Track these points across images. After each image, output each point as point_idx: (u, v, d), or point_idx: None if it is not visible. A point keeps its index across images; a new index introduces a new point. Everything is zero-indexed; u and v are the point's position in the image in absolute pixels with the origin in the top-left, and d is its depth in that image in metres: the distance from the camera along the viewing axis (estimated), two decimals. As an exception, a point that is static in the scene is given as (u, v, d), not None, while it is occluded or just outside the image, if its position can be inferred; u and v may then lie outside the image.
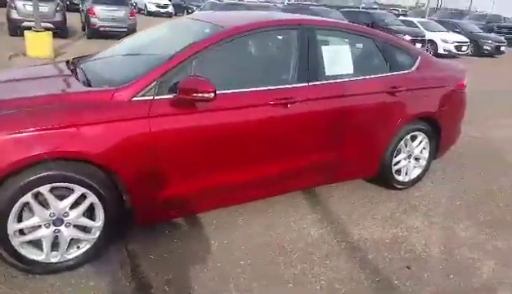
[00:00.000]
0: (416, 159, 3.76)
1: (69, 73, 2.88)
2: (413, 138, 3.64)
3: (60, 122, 2.16)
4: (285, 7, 18.90)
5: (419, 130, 3.60)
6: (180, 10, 27.27)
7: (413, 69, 3.53)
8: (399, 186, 3.70)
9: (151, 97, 2.39)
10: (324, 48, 3.05)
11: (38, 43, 9.07)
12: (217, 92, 2.53)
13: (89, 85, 2.52)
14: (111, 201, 2.37)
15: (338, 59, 3.15)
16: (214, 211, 3.00)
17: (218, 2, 15.12)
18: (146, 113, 2.34)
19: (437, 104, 3.64)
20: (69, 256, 2.37)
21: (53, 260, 2.33)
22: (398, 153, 3.59)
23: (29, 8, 10.55)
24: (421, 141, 3.69)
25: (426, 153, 3.77)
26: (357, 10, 21.68)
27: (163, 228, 2.83)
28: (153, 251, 2.60)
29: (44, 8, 11.18)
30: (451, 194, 3.73)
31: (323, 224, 3.06)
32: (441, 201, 3.60)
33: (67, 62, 3.17)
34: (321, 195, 3.51)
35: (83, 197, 2.30)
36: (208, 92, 2.35)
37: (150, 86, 2.39)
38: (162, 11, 25.77)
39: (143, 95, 2.38)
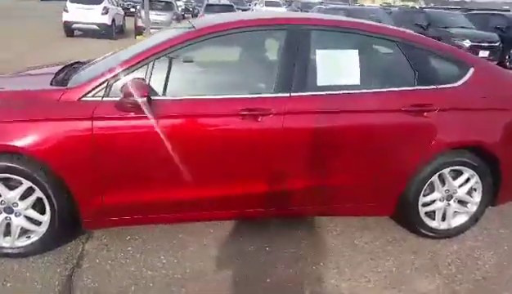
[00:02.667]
0: (461, 203, 2.87)
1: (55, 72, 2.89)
2: (457, 174, 2.79)
3: (5, 116, 2.28)
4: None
5: (464, 164, 2.73)
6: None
7: (459, 83, 2.70)
8: (430, 234, 2.88)
9: (100, 98, 2.34)
10: (320, 53, 2.55)
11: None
12: (172, 98, 2.40)
13: (61, 85, 2.60)
14: (58, 198, 2.39)
15: (339, 66, 2.58)
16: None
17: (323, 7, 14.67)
18: (90, 114, 2.29)
19: (495, 131, 2.71)
20: (20, 244, 2.47)
21: (5, 244, 2.47)
22: (431, 191, 2.80)
23: (152, 17, 12.96)
24: (468, 180, 2.80)
25: (477, 197, 2.85)
26: (412, 9, 17.77)
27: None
28: (102, 256, 2.56)
29: (162, 17, 14.27)
30: (503, 260, 2.74)
31: (298, 265, 2.55)
32: (482, 265, 2.66)
33: (74, 63, 3.22)
34: (323, 226, 2.97)
35: (31, 190, 2.38)
36: (140, 97, 2.18)
37: (100, 88, 2.34)
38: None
39: (93, 96, 2.34)
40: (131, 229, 2.81)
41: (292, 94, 2.48)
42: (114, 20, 14.14)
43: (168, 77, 2.41)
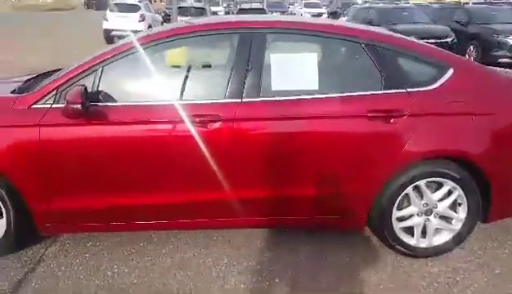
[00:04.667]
0: (444, 219, 2.57)
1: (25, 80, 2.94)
2: (437, 187, 2.50)
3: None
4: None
5: (443, 175, 2.44)
6: (335, 17, 26.92)
7: (434, 86, 2.42)
8: (408, 252, 2.60)
9: (49, 106, 2.35)
10: (275, 57, 2.40)
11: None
12: (117, 104, 2.37)
13: (22, 92, 2.64)
14: (12, 203, 2.43)
15: (296, 70, 2.41)
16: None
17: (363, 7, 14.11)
18: (38, 121, 2.31)
19: (476, 139, 2.40)
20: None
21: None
22: (406, 204, 2.53)
23: None
24: (450, 193, 2.50)
25: (462, 212, 2.53)
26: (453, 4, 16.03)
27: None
28: (58, 261, 2.57)
29: None
30: (489, 286, 2.40)
31: (252, 278, 2.41)
32: (460, 291, 2.34)
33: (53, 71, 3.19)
34: (291, 242, 2.79)
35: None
36: (76, 104, 2.16)
37: (50, 95, 2.36)
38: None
39: (43, 104, 2.36)
40: (95, 236, 2.80)
41: (244, 100, 2.35)
42: (150, 26, 14.64)
43: (114, 84, 2.38)
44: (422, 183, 2.45)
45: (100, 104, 2.33)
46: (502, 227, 2.93)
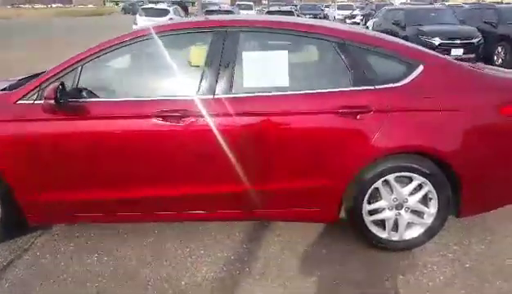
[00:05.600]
0: (417, 213, 2.60)
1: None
2: (407, 181, 2.53)
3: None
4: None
5: (412, 170, 2.47)
6: (369, 19, 26.74)
7: (403, 83, 2.45)
8: (380, 245, 2.64)
9: (32, 101, 2.49)
10: (247, 55, 2.48)
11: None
12: (94, 100, 2.50)
13: (9, 90, 2.78)
14: (2, 193, 2.59)
15: (267, 68, 2.49)
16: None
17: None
18: (22, 116, 2.46)
19: (443, 135, 2.42)
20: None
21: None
22: (378, 198, 2.58)
23: None
24: (420, 188, 2.53)
25: (433, 207, 2.56)
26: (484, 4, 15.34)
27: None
28: (45, 250, 2.71)
29: None
30: (455, 280, 2.42)
31: (226, 267, 2.49)
32: (426, 284, 2.37)
33: None
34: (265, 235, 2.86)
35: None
36: (50, 99, 2.29)
37: (33, 91, 2.50)
38: (348, 21, 25.79)
39: (27, 99, 2.50)
40: (85, 227, 2.93)
41: (216, 96, 2.44)
42: None
43: (92, 82, 2.51)
44: (391, 177, 2.49)
45: (79, 100, 2.46)
46: (484, 223, 2.94)
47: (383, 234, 2.62)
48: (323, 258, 2.60)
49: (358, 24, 25.34)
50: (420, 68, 2.47)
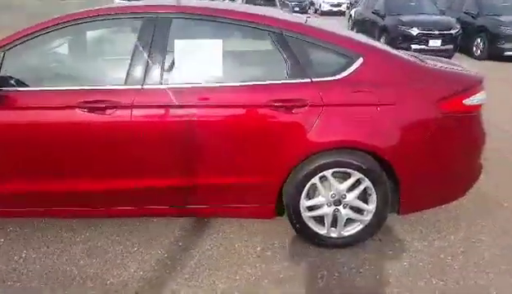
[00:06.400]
0: (357, 210, 2.53)
1: None
2: (345, 177, 2.46)
3: None
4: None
5: (348, 166, 2.40)
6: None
7: (340, 76, 2.36)
8: (319, 242, 2.57)
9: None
10: (179, 43, 2.36)
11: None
12: (16, 89, 2.36)
13: None
14: None
15: (200, 57, 2.37)
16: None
17: None
18: None
19: (379, 130, 2.34)
20: None
21: None
22: (317, 194, 2.50)
23: None
24: (359, 184, 2.46)
25: (372, 204, 2.49)
26: None
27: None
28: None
29: None
30: (389, 278, 2.37)
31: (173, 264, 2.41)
32: (358, 282, 2.32)
33: None
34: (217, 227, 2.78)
35: None
36: None
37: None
38: (334, 9, 25.56)
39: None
40: (22, 222, 2.80)
41: (144, 86, 2.32)
42: None
43: (14, 70, 2.37)
44: (328, 173, 2.42)
45: (2, 89, 2.31)
46: (430, 220, 2.90)
47: (322, 231, 2.55)
48: (257, 256, 2.53)
49: (344, 12, 25.18)
50: (360, 60, 2.38)
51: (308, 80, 2.34)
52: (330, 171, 2.41)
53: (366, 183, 2.43)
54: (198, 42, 2.40)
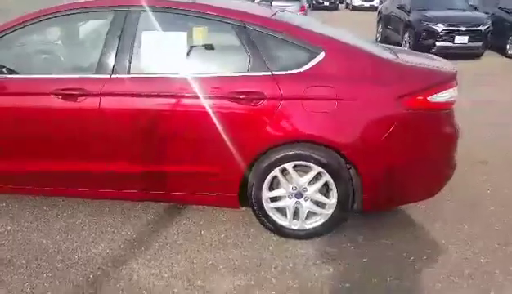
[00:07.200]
0: (319, 203, 2.56)
1: None
2: (306, 171, 2.48)
3: None
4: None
5: (307, 159, 2.42)
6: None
7: (301, 70, 2.39)
8: (281, 233, 2.62)
9: None
10: (146, 35, 2.48)
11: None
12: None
13: None
14: None
15: (166, 49, 2.49)
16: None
17: None
18: None
19: (340, 125, 2.35)
20: None
21: None
22: (277, 186, 2.55)
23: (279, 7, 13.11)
24: (320, 178, 2.48)
25: (333, 198, 2.51)
26: None
27: None
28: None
29: (290, 8, 12.78)
30: (343, 273, 2.38)
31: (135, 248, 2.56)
32: (312, 275, 2.35)
33: None
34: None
35: None
36: None
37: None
38: (366, 4, 24.80)
39: None
40: (16, 198, 3.04)
41: (113, 75, 2.46)
42: None
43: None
44: (289, 166, 2.46)
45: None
46: (401, 219, 2.87)
47: (284, 222, 2.61)
48: (219, 243, 2.62)
49: (376, 8, 24.39)
50: (322, 55, 2.39)
51: (269, 73, 2.38)
52: (291, 163, 2.45)
53: (326, 177, 2.45)
54: (164, 35, 2.51)
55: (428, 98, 2.34)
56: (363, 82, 2.37)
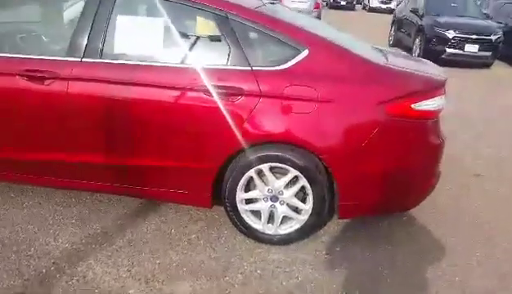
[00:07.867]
0: (292, 208, 2.41)
1: None
2: (283, 174, 2.34)
3: None
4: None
5: (284, 161, 2.27)
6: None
7: (282, 67, 2.23)
8: (254, 236, 2.47)
9: None
10: (121, 19, 2.33)
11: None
12: None
13: None
14: None
15: (141, 35, 2.33)
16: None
17: None
18: None
19: (318, 127, 2.21)
20: None
21: None
22: (254, 187, 2.41)
23: (292, 5, 12.55)
24: (296, 181, 2.33)
25: (308, 203, 2.36)
26: None
27: None
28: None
29: (303, 5, 13.65)
30: (310, 283, 2.23)
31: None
32: (279, 284, 2.20)
33: None
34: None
35: None
36: None
37: None
38: (383, 6, 24.67)
39: None
40: None
41: (84, 59, 2.32)
42: None
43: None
44: (265, 167, 2.31)
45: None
46: (383, 229, 2.73)
47: (257, 226, 2.46)
48: (188, 243, 2.47)
49: (393, 10, 24.22)
50: (305, 53, 2.23)
51: (249, 68, 2.23)
52: (267, 165, 2.30)
53: (303, 181, 2.30)
54: (139, 20, 2.37)
55: (412, 105, 2.19)
56: (346, 84, 2.21)
